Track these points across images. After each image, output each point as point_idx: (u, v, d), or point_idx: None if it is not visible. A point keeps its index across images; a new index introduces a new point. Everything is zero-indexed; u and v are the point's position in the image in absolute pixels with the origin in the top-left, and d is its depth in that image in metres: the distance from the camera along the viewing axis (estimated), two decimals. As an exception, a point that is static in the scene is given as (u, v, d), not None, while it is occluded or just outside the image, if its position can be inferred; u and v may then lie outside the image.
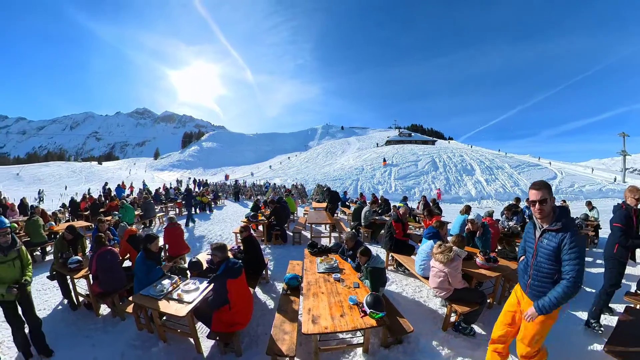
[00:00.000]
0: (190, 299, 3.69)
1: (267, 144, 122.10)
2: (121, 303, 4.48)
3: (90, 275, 4.59)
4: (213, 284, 3.67)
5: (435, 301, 4.87)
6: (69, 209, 13.41)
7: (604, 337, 3.48)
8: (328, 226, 9.39)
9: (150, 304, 3.66)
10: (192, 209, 12.43)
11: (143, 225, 11.41)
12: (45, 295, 5.33)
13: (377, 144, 75.87)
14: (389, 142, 69.89)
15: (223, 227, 11.29)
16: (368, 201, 12.39)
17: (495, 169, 34.23)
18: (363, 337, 3.50)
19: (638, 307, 3.74)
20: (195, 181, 32.52)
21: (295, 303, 4.13)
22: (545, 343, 2.60)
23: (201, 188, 24.65)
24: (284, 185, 26.59)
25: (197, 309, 3.66)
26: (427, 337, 3.81)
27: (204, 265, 4.89)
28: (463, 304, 3.83)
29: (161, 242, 6.31)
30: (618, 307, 4.32)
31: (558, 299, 2.29)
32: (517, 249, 5.03)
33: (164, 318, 3.95)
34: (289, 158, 68.69)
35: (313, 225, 9.29)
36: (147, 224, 11.67)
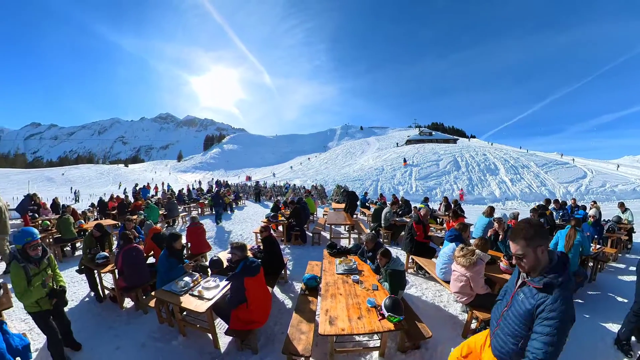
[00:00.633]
0: (210, 295, 3.77)
1: (287, 145, 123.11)
2: (144, 297, 4.70)
3: (116, 270, 4.78)
4: (231, 282, 3.71)
5: (455, 306, 4.69)
6: (98, 208, 14.03)
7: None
8: (347, 227, 9.33)
9: (171, 299, 3.79)
10: (221, 208, 12.96)
11: (167, 224, 11.78)
12: (73, 287, 5.57)
13: (397, 143, 74.99)
14: (409, 142, 68.70)
15: (244, 227, 11.46)
16: (388, 202, 12.22)
17: (520, 168, 32.52)
18: (380, 341, 3.42)
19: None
20: (217, 182, 33.21)
21: (313, 303, 4.10)
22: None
23: (222, 189, 25.12)
24: (304, 186, 26.67)
25: (217, 305, 3.74)
26: (446, 344, 3.64)
27: (225, 264, 4.96)
28: (485, 310, 3.61)
29: (184, 241, 6.47)
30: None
31: None
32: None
33: (184, 313, 4.07)
34: (309, 159, 69.00)
35: (332, 226, 9.24)
36: (171, 223, 12.01)
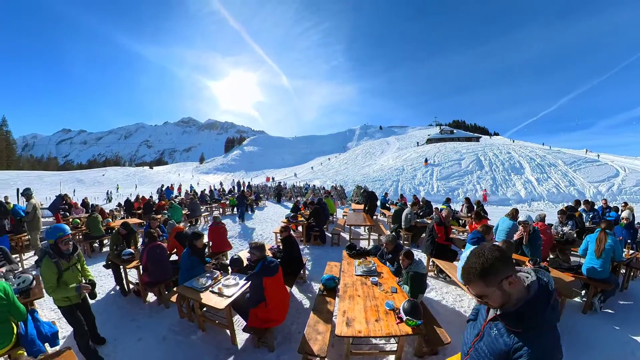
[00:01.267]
0: (229, 293, 3.84)
1: (306, 146, 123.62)
2: (166, 292, 4.88)
3: (141, 266, 4.99)
4: (251, 281, 3.75)
5: None
6: (124, 207, 14.57)
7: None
8: (367, 228, 9.22)
9: (192, 295, 3.89)
10: (244, 207, 13.51)
11: (189, 224, 12.08)
12: (100, 281, 5.84)
13: (418, 142, 73.62)
14: (430, 141, 67.22)
15: (264, 227, 11.55)
16: (409, 203, 11.98)
17: (547, 166, 30.85)
18: (397, 345, 3.32)
19: None
20: (238, 183, 33.76)
21: (330, 304, 4.07)
22: None
23: (246, 189, 25.47)
24: (323, 187, 26.65)
25: (236, 303, 3.80)
26: (465, 351, 3.55)
27: (245, 263, 5.04)
28: None
29: (205, 240, 6.61)
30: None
31: None
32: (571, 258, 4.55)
33: (204, 309, 4.15)
34: (329, 159, 68.94)
35: (352, 227, 9.14)
36: (193, 223, 12.30)
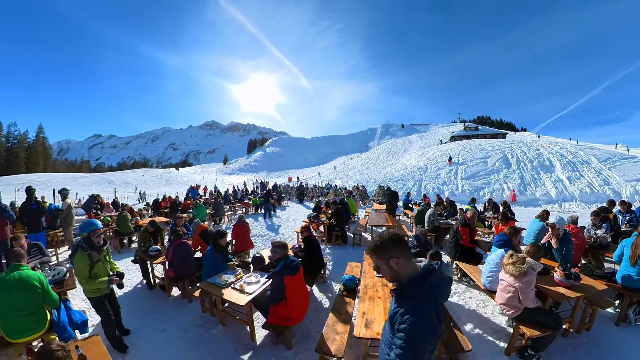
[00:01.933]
0: (250, 290, 3.89)
1: (328, 146, 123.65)
2: (190, 288, 5.10)
3: (166, 262, 5.22)
4: (272, 279, 3.78)
5: (500, 319, 4.27)
6: (152, 207, 15.15)
7: None
8: (389, 229, 9.05)
9: (215, 291, 3.99)
10: (270, 205, 14.08)
11: (213, 222, 12.40)
12: (128, 275, 6.15)
13: (441, 140, 71.91)
14: (454, 138, 65.31)
15: (286, 227, 11.66)
16: (432, 203, 11.71)
17: (579, 163, 28.56)
18: None
19: None
20: (261, 183, 34.26)
21: (350, 305, 4.02)
22: None
23: (268, 189, 25.76)
24: (345, 187, 26.53)
25: (256, 300, 3.85)
26: (486, 360, 3.34)
27: (266, 261, 5.10)
28: (533, 326, 3.26)
29: (229, 238, 6.75)
30: None
31: None
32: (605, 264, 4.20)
33: (226, 305, 4.25)
34: (351, 158, 68.63)
35: (374, 228, 9.04)
36: (217, 221, 12.62)
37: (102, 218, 9.67)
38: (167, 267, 5.19)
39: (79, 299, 4.99)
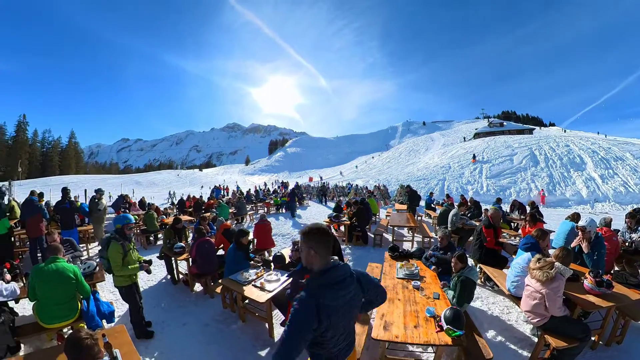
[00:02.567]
0: (271, 288, 3.96)
1: (348, 146, 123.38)
2: (212, 284, 5.27)
3: (190, 259, 5.44)
4: (292, 278, 3.79)
5: (525, 327, 4.07)
6: (177, 206, 15.63)
7: None
8: (410, 229, 8.91)
9: (236, 287, 4.11)
10: (295, 204, 14.60)
11: (236, 221, 12.66)
12: (154, 270, 6.41)
13: (464, 138, 69.54)
14: (478, 135, 62.79)
15: (307, 226, 11.67)
16: (456, 203, 11.39)
17: (613, 160, 26.53)
18: (434, 355, 3.09)
19: None
20: (283, 183, 34.59)
21: None
22: None
23: (292, 188, 25.86)
24: (366, 187, 26.32)
25: (276, 298, 3.91)
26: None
27: (287, 260, 5.15)
28: (559, 336, 3.06)
29: (250, 237, 6.85)
30: None
31: None
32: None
33: (246, 301, 4.31)
34: (372, 157, 68.05)
35: (395, 228, 8.91)
36: (240, 220, 12.90)
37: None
38: (191, 264, 5.41)
39: (107, 291, 5.35)
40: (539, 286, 3.15)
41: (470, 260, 3.96)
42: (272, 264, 5.10)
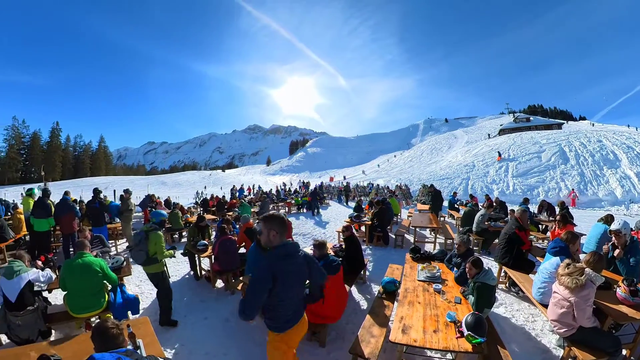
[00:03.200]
0: None
1: (368, 145, 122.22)
2: (233, 280, 5.48)
3: (213, 256, 5.62)
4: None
5: (550, 337, 3.86)
6: (201, 205, 16.09)
7: None
8: (433, 230, 8.75)
9: None
10: (317, 202, 15.02)
11: (258, 220, 12.76)
12: (178, 266, 6.90)
13: (489, 134, 67.11)
14: (503, 131, 60.00)
15: (328, 226, 11.78)
16: (480, 203, 11.03)
17: None
18: None
19: None
20: (304, 183, 34.76)
21: (388, 308, 3.93)
22: None
23: (315, 188, 25.83)
24: (387, 186, 26.00)
25: None
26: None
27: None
28: (587, 349, 2.90)
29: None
30: None
31: None
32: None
33: None
34: (395, 156, 67.18)
35: (417, 229, 8.76)
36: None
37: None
38: (213, 261, 5.58)
39: (132, 285, 5.63)
40: (567, 294, 2.98)
41: (486, 264, 3.80)
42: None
